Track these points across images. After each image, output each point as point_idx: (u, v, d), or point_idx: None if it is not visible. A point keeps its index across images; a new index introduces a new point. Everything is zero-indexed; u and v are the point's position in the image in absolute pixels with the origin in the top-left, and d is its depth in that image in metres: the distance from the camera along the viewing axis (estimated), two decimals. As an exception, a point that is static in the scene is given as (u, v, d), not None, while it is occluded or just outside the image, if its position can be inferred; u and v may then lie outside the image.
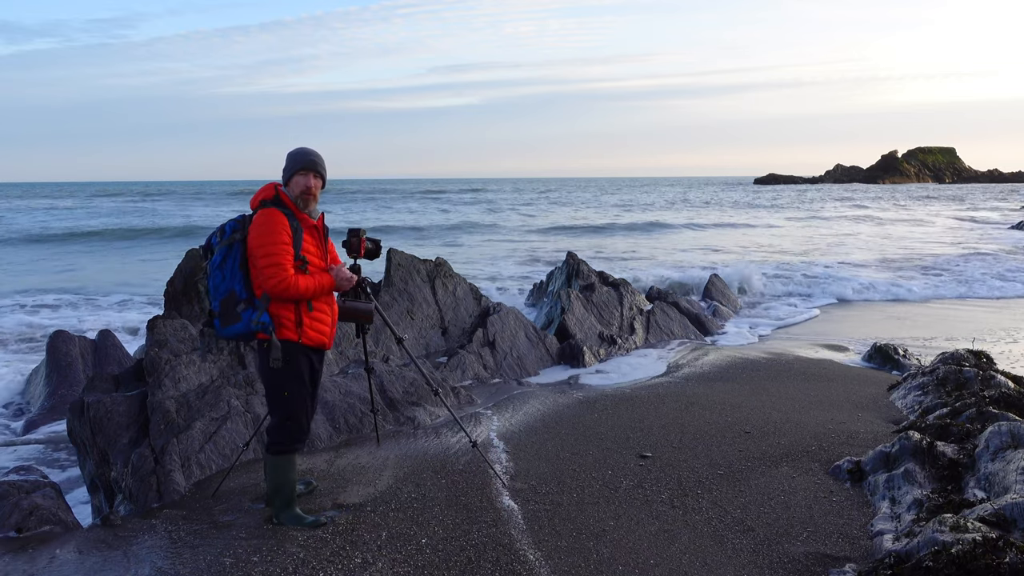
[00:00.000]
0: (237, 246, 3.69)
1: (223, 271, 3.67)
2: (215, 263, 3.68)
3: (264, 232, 3.65)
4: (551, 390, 7.12)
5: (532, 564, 3.59)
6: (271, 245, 3.64)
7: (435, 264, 9.53)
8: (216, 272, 3.68)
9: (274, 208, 3.73)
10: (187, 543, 3.82)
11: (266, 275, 3.63)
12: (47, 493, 4.44)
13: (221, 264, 3.67)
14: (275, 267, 3.63)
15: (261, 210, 3.74)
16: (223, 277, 3.67)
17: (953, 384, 6.26)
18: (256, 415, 5.15)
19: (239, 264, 3.68)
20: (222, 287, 3.67)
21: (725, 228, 34.88)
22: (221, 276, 3.68)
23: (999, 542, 3.13)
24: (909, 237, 28.51)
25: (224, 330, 3.69)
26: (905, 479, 4.30)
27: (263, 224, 3.67)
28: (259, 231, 3.67)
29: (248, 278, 3.70)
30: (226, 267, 3.67)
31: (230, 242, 3.68)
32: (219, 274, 3.68)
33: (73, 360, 7.90)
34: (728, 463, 4.93)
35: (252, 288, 3.71)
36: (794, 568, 3.61)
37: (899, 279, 16.19)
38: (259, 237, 3.66)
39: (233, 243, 3.68)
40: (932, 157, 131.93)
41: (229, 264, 3.67)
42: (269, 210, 3.72)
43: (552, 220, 40.23)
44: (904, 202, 58.56)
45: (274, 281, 3.63)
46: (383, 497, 4.34)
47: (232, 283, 3.66)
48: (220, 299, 3.67)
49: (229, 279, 3.67)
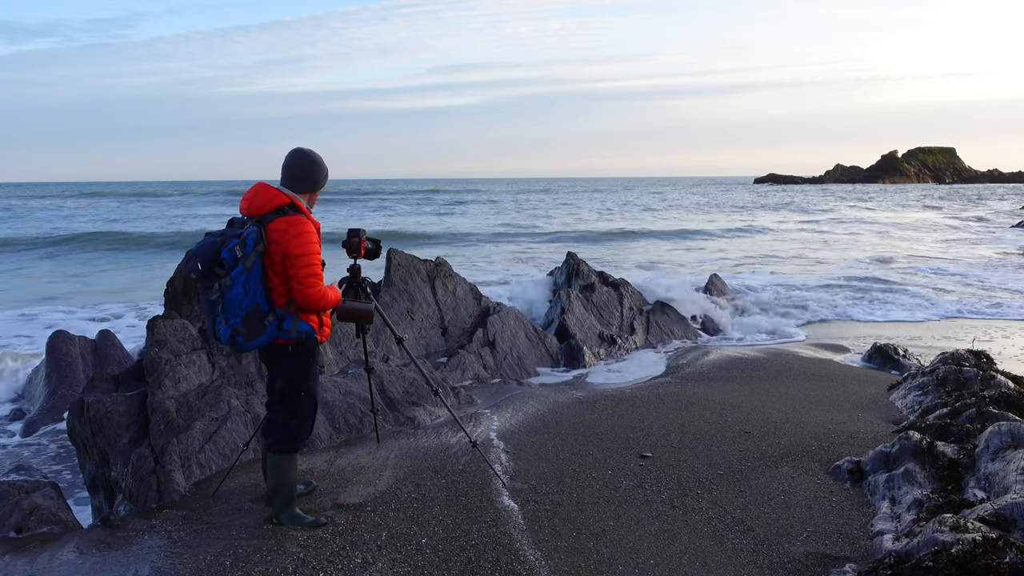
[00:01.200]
0: (258, 259, 3.58)
1: (247, 286, 3.54)
2: (238, 278, 3.52)
3: (303, 243, 3.60)
4: (551, 390, 7.13)
5: (532, 564, 3.59)
6: (309, 256, 3.61)
7: (435, 264, 9.53)
8: (239, 288, 3.53)
9: (300, 216, 3.66)
10: (187, 543, 3.81)
11: (306, 284, 3.59)
12: (47, 493, 4.44)
13: (246, 280, 3.54)
14: (315, 277, 3.62)
15: (287, 218, 3.62)
16: (246, 292, 3.54)
17: (953, 384, 6.26)
18: (256, 415, 5.15)
19: (261, 277, 3.58)
20: (246, 302, 3.55)
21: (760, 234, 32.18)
22: (244, 291, 3.54)
23: (999, 542, 3.13)
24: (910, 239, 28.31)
25: (249, 344, 3.61)
26: (905, 479, 4.30)
27: (300, 235, 3.60)
28: (297, 240, 3.58)
29: (268, 289, 3.62)
30: (251, 282, 3.55)
31: (255, 255, 3.55)
32: (242, 289, 3.54)
33: (73, 360, 7.90)
34: (728, 463, 4.93)
35: (273, 298, 3.65)
36: (794, 568, 3.61)
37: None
38: (298, 247, 3.58)
39: (257, 255, 3.56)
40: (932, 157, 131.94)
41: (254, 278, 3.55)
42: (298, 218, 3.64)
43: (584, 226, 36.86)
44: (905, 203, 57.74)
45: (313, 291, 3.61)
46: (383, 497, 4.34)
47: (256, 297, 3.57)
48: (243, 315, 3.56)
49: (253, 293, 3.56)
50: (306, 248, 3.61)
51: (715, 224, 37.25)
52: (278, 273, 3.63)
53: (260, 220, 3.62)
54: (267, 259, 3.61)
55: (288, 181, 3.79)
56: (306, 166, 3.82)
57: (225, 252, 3.52)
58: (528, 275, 16.61)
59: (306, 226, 3.65)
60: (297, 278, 3.60)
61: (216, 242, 3.55)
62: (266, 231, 3.60)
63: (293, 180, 3.79)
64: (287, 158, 3.82)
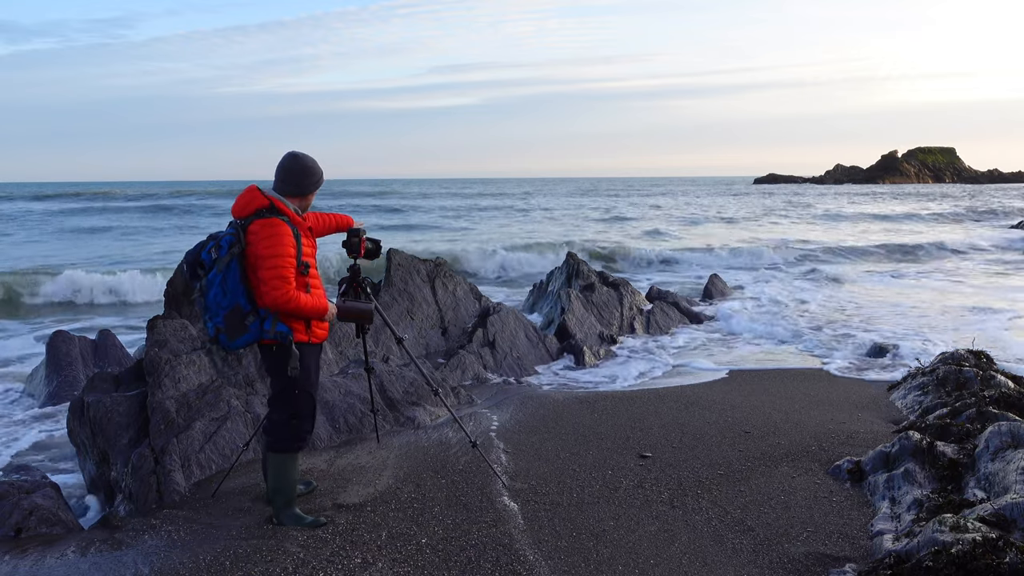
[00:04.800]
0: (235, 260, 3.61)
1: (224, 287, 3.59)
2: (215, 279, 3.60)
3: (271, 244, 3.61)
4: (551, 390, 7.13)
5: (532, 564, 3.59)
6: (276, 258, 3.61)
7: (435, 264, 9.54)
8: (217, 289, 3.59)
9: (275, 218, 3.68)
10: (187, 543, 3.82)
11: (271, 286, 3.60)
12: (47, 493, 4.44)
13: (223, 281, 3.59)
14: (280, 279, 3.61)
15: (261, 220, 3.67)
16: (224, 292, 3.60)
17: (953, 384, 6.26)
18: (256, 415, 5.15)
19: (240, 278, 3.62)
20: (224, 302, 3.60)
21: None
22: (222, 292, 3.60)
23: (999, 542, 3.13)
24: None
25: (233, 343, 3.65)
26: (905, 479, 4.30)
27: (269, 236, 3.63)
28: (266, 243, 3.62)
29: (250, 290, 3.66)
30: (228, 283, 3.59)
31: (230, 257, 3.60)
32: (220, 290, 3.59)
33: (73, 360, 7.90)
34: (728, 463, 4.93)
35: (255, 299, 3.68)
36: (794, 568, 3.61)
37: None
38: (266, 248, 3.61)
39: (232, 257, 3.61)
40: (932, 157, 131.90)
41: (231, 279, 3.60)
42: (272, 220, 3.67)
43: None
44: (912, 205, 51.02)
45: (277, 293, 3.60)
46: (383, 497, 4.34)
47: (235, 297, 3.60)
48: (224, 314, 3.61)
49: (232, 294, 3.60)
50: (274, 250, 3.61)
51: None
52: (255, 274, 3.66)
53: (243, 222, 3.71)
54: (247, 260, 3.66)
55: (277, 184, 3.86)
56: (295, 170, 3.85)
57: (204, 254, 3.65)
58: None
59: (279, 228, 3.65)
60: (263, 280, 3.61)
61: (200, 244, 3.71)
62: (246, 233, 3.67)
63: (281, 183, 3.85)
64: (280, 161, 3.88)
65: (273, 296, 3.61)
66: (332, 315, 3.96)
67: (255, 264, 3.64)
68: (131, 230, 33.29)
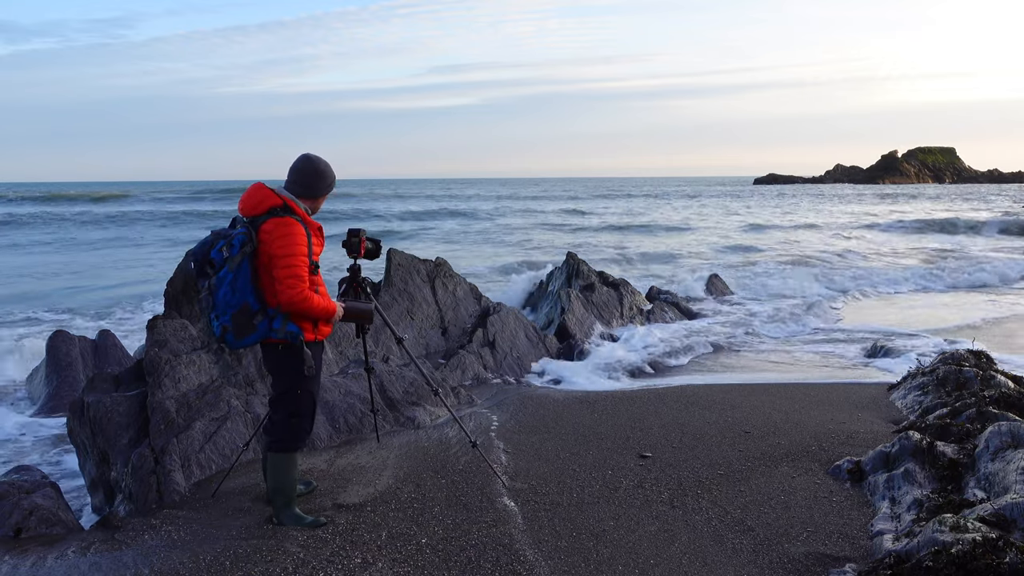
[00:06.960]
0: (247, 259, 3.60)
1: (234, 286, 3.57)
2: (225, 278, 3.57)
3: (286, 244, 3.61)
4: (551, 390, 7.13)
5: (532, 564, 3.59)
6: (291, 257, 3.60)
7: (435, 264, 9.53)
8: (227, 288, 3.57)
9: (289, 217, 3.68)
10: (187, 543, 3.81)
11: (286, 285, 3.59)
12: (47, 493, 4.44)
13: (233, 280, 3.57)
14: (295, 279, 3.60)
15: (275, 219, 3.65)
16: (234, 291, 3.58)
17: (953, 384, 6.25)
18: (256, 415, 5.15)
19: (251, 277, 3.60)
20: (233, 301, 3.58)
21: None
22: (232, 291, 3.57)
23: (999, 542, 3.13)
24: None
25: (239, 342, 3.64)
26: (905, 479, 4.30)
27: (284, 236, 3.62)
28: (281, 242, 3.60)
29: (259, 289, 3.65)
30: (238, 282, 3.57)
31: (242, 256, 3.58)
32: (230, 289, 3.57)
33: (73, 360, 7.90)
34: (728, 463, 4.93)
35: (264, 298, 3.67)
36: (794, 568, 3.61)
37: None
38: (281, 248, 3.60)
39: (244, 256, 3.59)
40: (932, 157, 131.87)
41: (242, 278, 3.58)
42: (286, 219, 3.66)
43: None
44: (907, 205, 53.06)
45: (293, 292, 3.59)
46: (383, 497, 4.34)
47: (244, 296, 3.59)
48: (232, 313, 3.59)
49: (242, 293, 3.58)
50: (289, 249, 3.61)
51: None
52: (268, 273, 3.65)
53: (253, 221, 3.69)
54: (258, 259, 3.65)
55: (290, 184, 3.86)
56: (308, 173, 3.86)
57: (214, 253, 3.62)
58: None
59: (293, 227, 3.65)
60: (279, 279, 3.61)
61: (208, 242, 3.67)
62: (258, 232, 3.65)
63: (293, 184, 3.85)
64: (295, 161, 3.89)
65: (289, 295, 3.60)
66: (339, 316, 3.96)
67: (268, 263, 3.63)
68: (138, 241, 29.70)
